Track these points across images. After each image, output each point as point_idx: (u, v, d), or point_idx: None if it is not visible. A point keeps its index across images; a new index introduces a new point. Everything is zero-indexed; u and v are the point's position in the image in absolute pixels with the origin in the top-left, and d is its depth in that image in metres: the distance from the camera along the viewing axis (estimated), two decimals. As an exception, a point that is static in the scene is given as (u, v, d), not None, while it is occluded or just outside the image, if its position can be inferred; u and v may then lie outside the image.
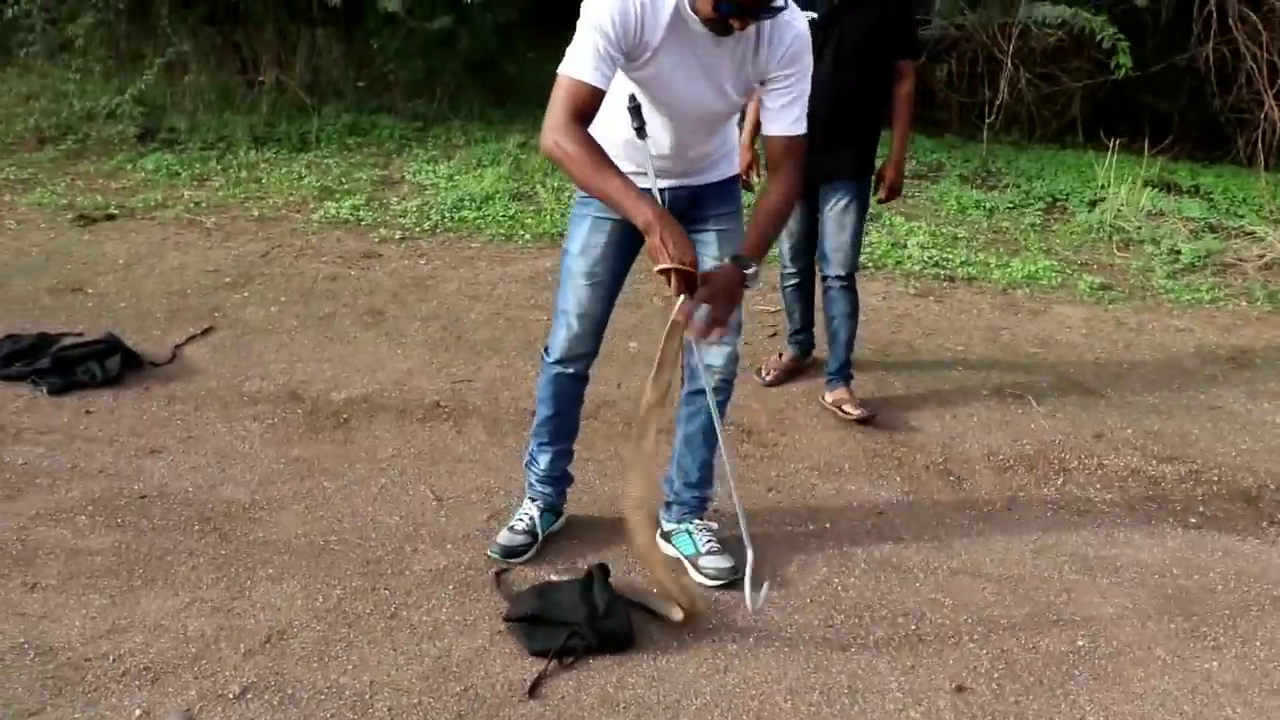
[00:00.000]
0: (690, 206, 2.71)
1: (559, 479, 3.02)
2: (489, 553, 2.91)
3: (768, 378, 4.10)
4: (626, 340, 4.34)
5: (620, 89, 2.49)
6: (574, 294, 2.76)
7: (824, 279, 3.91)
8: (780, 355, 4.22)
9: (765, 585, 2.64)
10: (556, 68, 2.38)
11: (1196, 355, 4.60)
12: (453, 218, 5.78)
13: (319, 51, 7.76)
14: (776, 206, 2.50)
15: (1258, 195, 6.43)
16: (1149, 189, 6.42)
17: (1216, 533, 3.28)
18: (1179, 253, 5.72)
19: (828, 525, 3.20)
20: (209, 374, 3.97)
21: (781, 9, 2.32)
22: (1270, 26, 6.47)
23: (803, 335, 4.21)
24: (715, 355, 2.81)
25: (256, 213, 5.75)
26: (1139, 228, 6.00)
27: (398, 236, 5.51)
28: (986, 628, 2.74)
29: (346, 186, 6.16)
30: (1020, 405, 4.04)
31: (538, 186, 6.25)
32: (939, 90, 7.42)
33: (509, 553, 2.90)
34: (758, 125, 3.79)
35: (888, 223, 5.92)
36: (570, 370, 2.86)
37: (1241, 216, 6.25)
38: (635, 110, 2.45)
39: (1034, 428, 3.88)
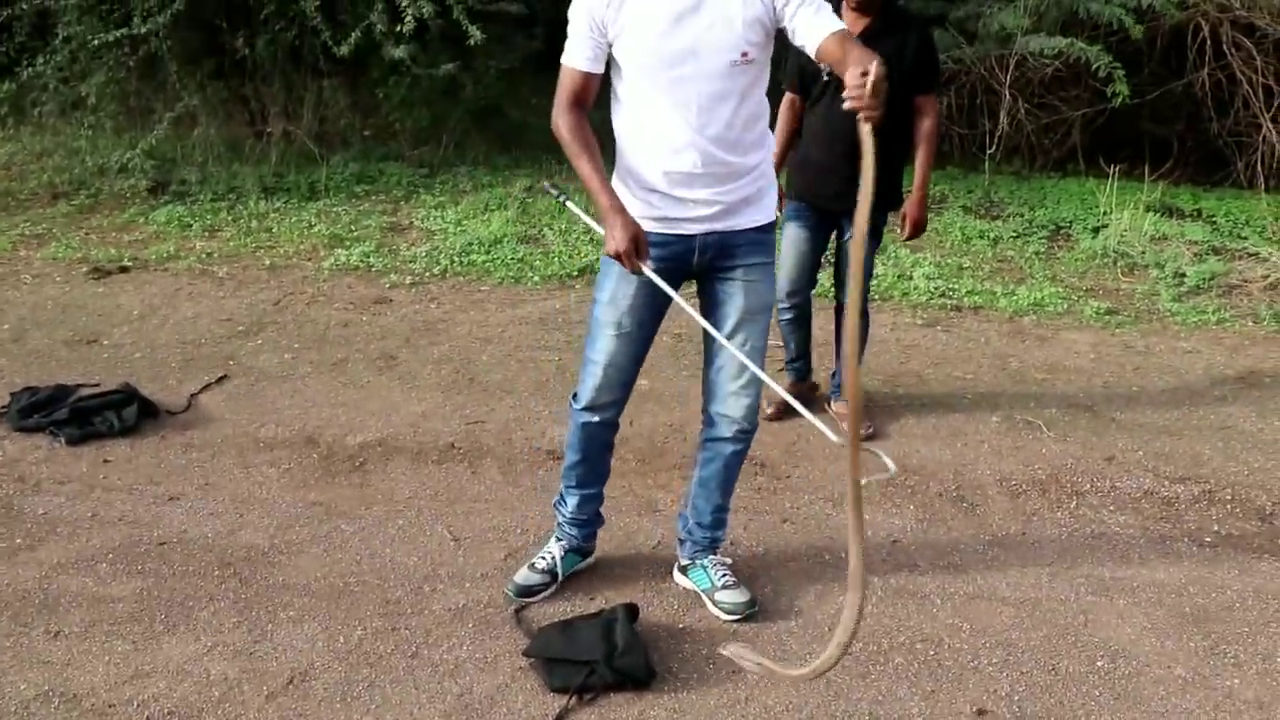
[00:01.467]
0: (720, 255, 2.68)
1: (587, 522, 3.01)
2: (505, 590, 2.93)
3: (769, 411, 4.02)
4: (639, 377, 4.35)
5: (637, 118, 2.58)
6: (602, 343, 2.75)
7: (840, 304, 4.07)
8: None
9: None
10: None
11: (1205, 376, 4.62)
12: (462, 262, 5.83)
13: (326, 102, 7.87)
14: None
15: (1260, 217, 6.46)
16: (1151, 214, 6.46)
17: (1232, 551, 3.29)
18: (1184, 276, 5.74)
19: (843, 555, 3.20)
20: (225, 421, 4.01)
21: None
22: (1264, 51, 6.54)
23: (800, 362, 4.21)
24: (735, 406, 2.79)
25: (268, 262, 5.82)
26: (1143, 252, 6.04)
27: (408, 282, 5.57)
28: (1005, 651, 2.75)
29: (356, 234, 6.22)
30: (1031, 431, 4.06)
31: (545, 229, 6.32)
32: (940, 123, 7.47)
33: (524, 591, 2.92)
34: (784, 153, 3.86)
35: (894, 255, 5.96)
36: (598, 418, 2.85)
37: (1245, 238, 6.28)
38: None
39: (1045, 452, 3.89)
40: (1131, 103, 6.67)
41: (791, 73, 3.79)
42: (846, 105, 2.05)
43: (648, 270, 2.55)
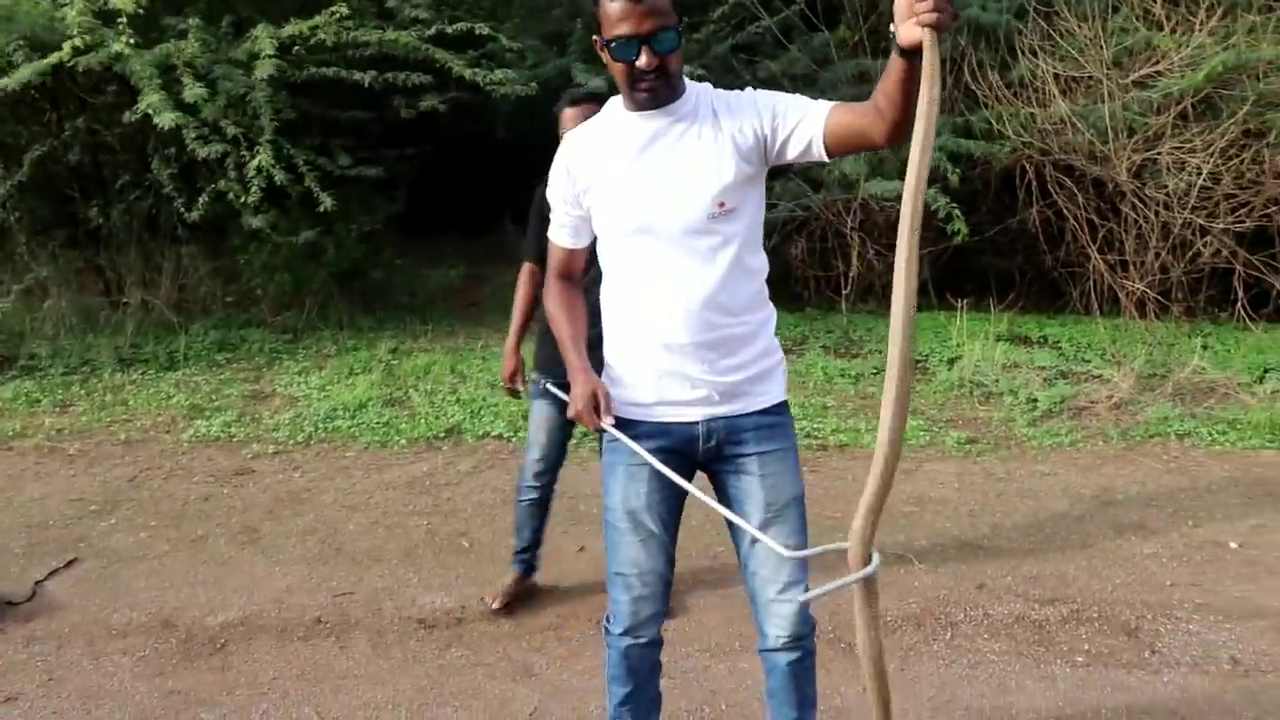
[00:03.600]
0: (727, 443, 2.39)
1: None
2: None
3: (495, 605, 3.73)
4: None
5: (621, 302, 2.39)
6: (625, 553, 2.41)
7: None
8: (506, 577, 3.85)
9: None
10: (424, 273, 2.49)
11: (1064, 497, 4.77)
12: (326, 428, 5.72)
13: (185, 269, 7.77)
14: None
15: (1099, 341, 6.81)
16: (1001, 343, 6.76)
17: (1103, 668, 3.35)
18: (1036, 401, 5.98)
19: (724, 707, 3.17)
20: (73, 609, 3.78)
21: None
22: (1084, 189, 7.01)
23: (529, 554, 3.84)
24: (779, 616, 2.47)
25: (123, 436, 5.60)
26: (996, 380, 6.28)
27: (271, 451, 5.42)
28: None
29: (217, 403, 6.07)
30: (902, 565, 4.11)
31: (410, 391, 6.26)
32: (795, 267, 7.75)
33: None
34: None
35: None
36: (644, 639, 2.48)
37: (1088, 361, 6.60)
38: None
39: (917, 585, 3.94)
40: (973, 239, 7.04)
41: (532, 242, 3.56)
42: (922, 19, 1.75)
43: (609, 427, 2.30)
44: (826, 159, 2.22)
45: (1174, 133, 6.79)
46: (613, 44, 2.18)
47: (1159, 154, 6.80)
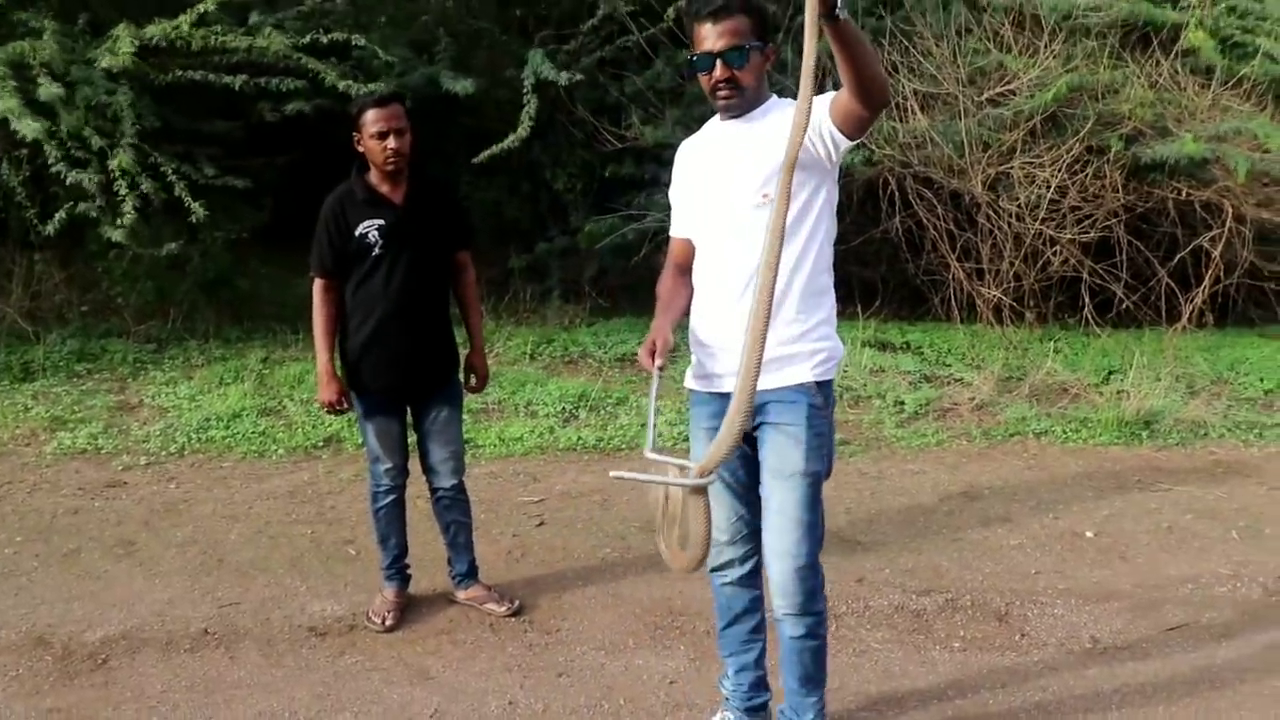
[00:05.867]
0: (756, 413, 2.59)
1: (750, 690, 2.99)
2: None
3: (388, 623, 3.66)
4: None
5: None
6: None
7: (435, 491, 3.74)
8: (385, 593, 3.79)
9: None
10: (291, 282, 2.50)
11: (933, 494, 5.00)
12: (200, 438, 5.57)
13: (38, 277, 7.42)
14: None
15: (960, 346, 7.13)
16: (868, 348, 7.00)
17: (979, 652, 3.54)
18: (903, 403, 6.24)
19: (621, 702, 3.23)
20: (-62, 631, 3.62)
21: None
22: (942, 200, 7.32)
23: (401, 563, 3.82)
24: (775, 580, 2.72)
25: (-22, 451, 5.36)
26: (865, 384, 6.52)
27: (143, 462, 5.26)
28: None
29: (80, 415, 5.84)
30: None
31: (285, 400, 6.13)
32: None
33: None
34: None
35: (634, 405, 6.14)
36: (728, 577, 2.89)
37: (949, 365, 6.90)
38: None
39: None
40: (839, 248, 7.26)
41: (323, 254, 3.49)
42: None
43: (656, 371, 2.59)
44: (848, 140, 2.50)
45: (1024, 148, 7.16)
46: (694, 59, 2.61)
47: (1011, 168, 7.15)
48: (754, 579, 2.90)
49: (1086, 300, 7.20)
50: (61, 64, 6.42)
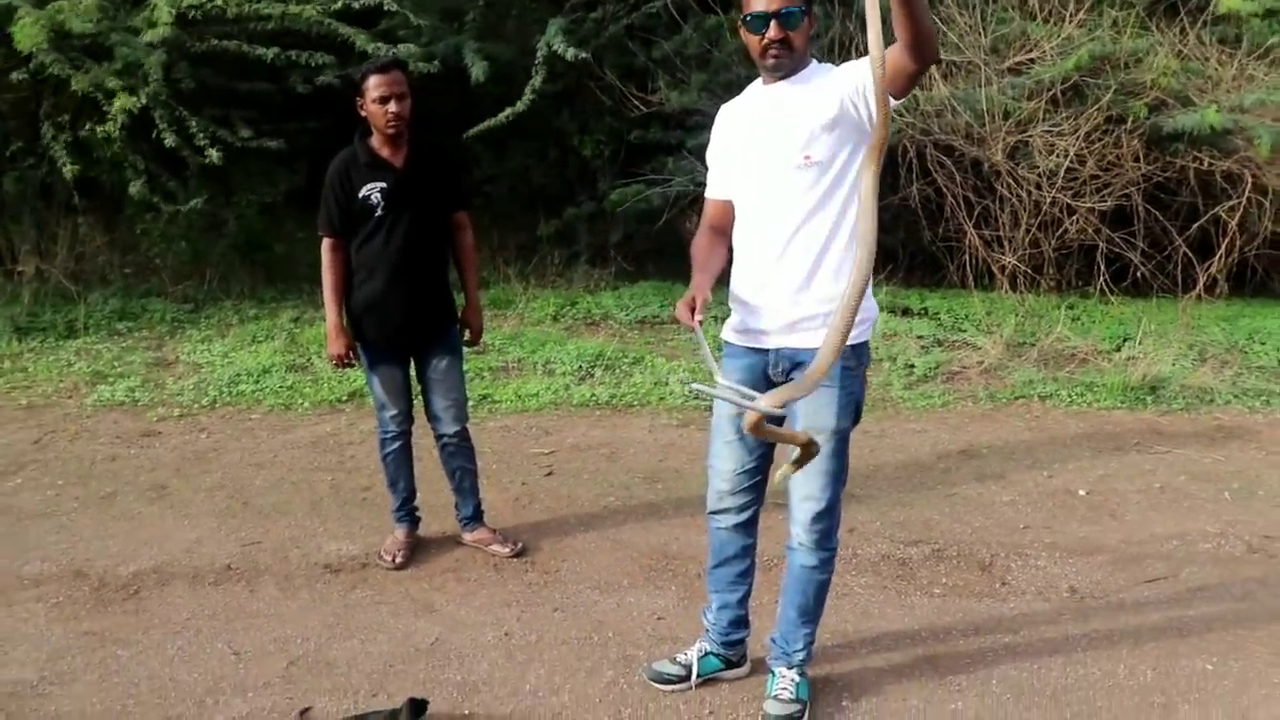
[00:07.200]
0: (791, 370, 2.77)
1: (727, 628, 3.13)
2: (640, 673, 3.15)
3: (398, 560, 3.88)
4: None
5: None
6: (715, 450, 2.98)
7: (440, 438, 3.93)
8: (395, 534, 4.01)
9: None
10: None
11: (932, 452, 5.14)
12: (231, 392, 5.83)
13: (81, 239, 7.73)
14: None
15: (974, 312, 7.23)
16: (885, 313, 7.13)
17: (957, 598, 3.70)
18: (913, 366, 6.37)
19: (610, 634, 3.43)
20: (-17, 562, 3.89)
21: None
22: (962, 169, 7.40)
23: (410, 505, 4.03)
24: (797, 516, 2.88)
25: (25, 401, 5.64)
26: (877, 348, 6.64)
27: (176, 414, 5.52)
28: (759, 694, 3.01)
29: (119, 370, 6.12)
30: (780, 511, 4.39)
31: (313, 358, 6.37)
32: (690, 240, 7.95)
33: (657, 678, 3.11)
34: None
35: (650, 365, 6.32)
36: (721, 523, 3.06)
37: (963, 330, 7.02)
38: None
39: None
40: (859, 215, 7.35)
41: (330, 214, 3.67)
42: None
43: (695, 326, 2.62)
44: (893, 99, 2.46)
45: (1045, 117, 7.21)
46: (747, 18, 2.65)
47: (1031, 137, 7.22)
48: (749, 527, 3.06)
49: (1102, 268, 7.27)
50: (102, 29, 6.65)
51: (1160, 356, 6.22)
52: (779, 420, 2.41)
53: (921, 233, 7.80)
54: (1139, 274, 7.27)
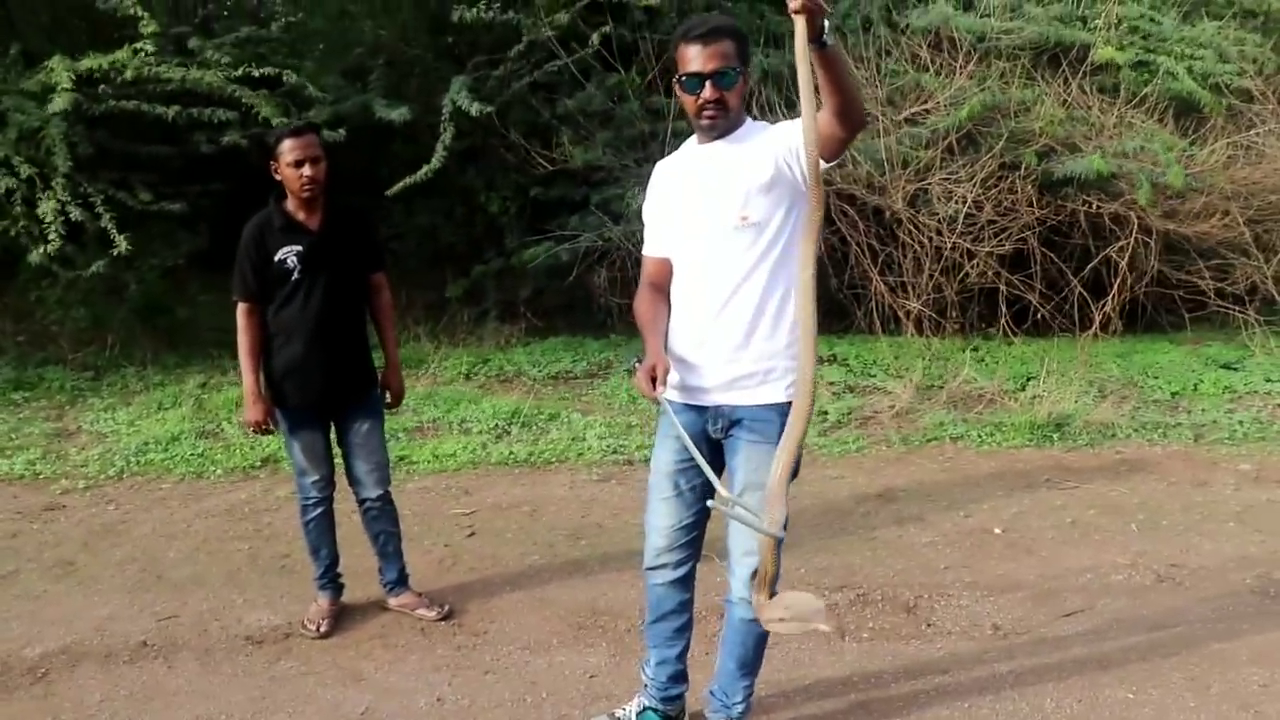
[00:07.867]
0: (731, 427, 2.79)
1: (666, 684, 3.12)
2: None
3: (323, 628, 3.81)
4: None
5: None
6: (652, 506, 2.97)
7: (362, 502, 3.89)
8: (319, 602, 3.93)
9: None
10: (229, 309, 2.66)
11: (851, 497, 5.22)
12: (139, 461, 5.67)
13: (-29, 307, 7.48)
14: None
15: (883, 357, 7.38)
16: (795, 361, 7.22)
17: (885, 642, 3.75)
18: (826, 413, 6.46)
19: (544, 695, 3.39)
20: (-122, 651, 3.70)
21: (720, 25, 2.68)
22: (865, 216, 7.60)
23: (332, 572, 3.96)
24: (737, 574, 2.85)
25: (-85, 479, 5.41)
26: (791, 395, 6.72)
27: (81, 486, 5.34)
28: (701, 757, 3.01)
29: (17, 442, 5.91)
30: (705, 564, 4.40)
31: (223, 424, 6.23)
32: (598, 295, 8.03)
33: None
34: None
35: (565, 420, 6.32)
36: (658, 580, 3.03)
37: (873, 375, 7.16)
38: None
39: (719, 581, 4.20)
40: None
41: (245, 278, 3.62)
42: (792, 7, 2.25)
43: (660, 397, 2.64)
44: (824, 162, 2.50)
45: (942, 165, 7.46)
46: (682, 79, 2.69)
47: (930, 184, 7.45)
48: (686, 583, 3.05)
49: (1004, 310, 7.50)
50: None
51: (1063, 394, 6.42)
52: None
53: (828, 280, 7.96)
54: (1039, 315, 7.51)
